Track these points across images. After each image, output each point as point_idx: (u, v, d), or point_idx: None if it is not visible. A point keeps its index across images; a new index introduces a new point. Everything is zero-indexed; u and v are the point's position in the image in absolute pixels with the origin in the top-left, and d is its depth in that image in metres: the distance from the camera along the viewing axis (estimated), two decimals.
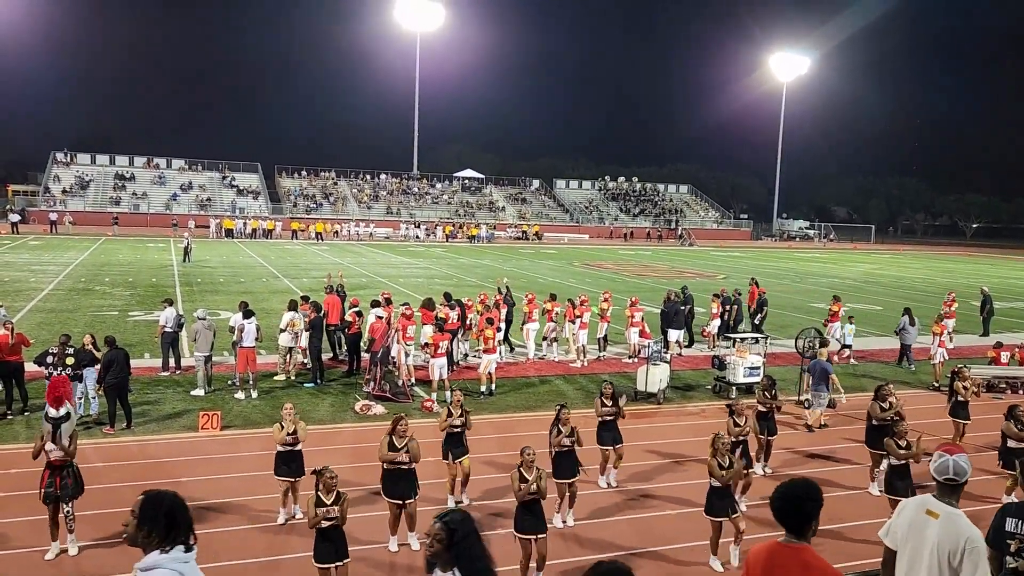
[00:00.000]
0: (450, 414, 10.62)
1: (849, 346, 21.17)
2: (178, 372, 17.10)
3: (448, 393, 15.79)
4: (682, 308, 21.36)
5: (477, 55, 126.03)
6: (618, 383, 12.78)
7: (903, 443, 9.82)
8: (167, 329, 16.92)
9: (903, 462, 9.78)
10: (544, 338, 20.46)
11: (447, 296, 19.39)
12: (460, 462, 10.55)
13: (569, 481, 10.00)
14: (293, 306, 17.28)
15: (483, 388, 16.23)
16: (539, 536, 8.25)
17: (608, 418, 11.30)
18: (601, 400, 11.33)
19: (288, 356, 17.13)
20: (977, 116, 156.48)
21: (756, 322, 23.56)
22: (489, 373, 16.35)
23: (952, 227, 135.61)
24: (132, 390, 14.88)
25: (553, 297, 21.13)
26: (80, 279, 32.46)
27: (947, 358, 19.27)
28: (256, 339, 15.88)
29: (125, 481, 11.03)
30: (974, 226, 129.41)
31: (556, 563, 8.91)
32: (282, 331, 16.94)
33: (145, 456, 12.16)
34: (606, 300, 21.06)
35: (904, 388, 17.95)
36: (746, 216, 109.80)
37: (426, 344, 16.58)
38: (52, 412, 8.83)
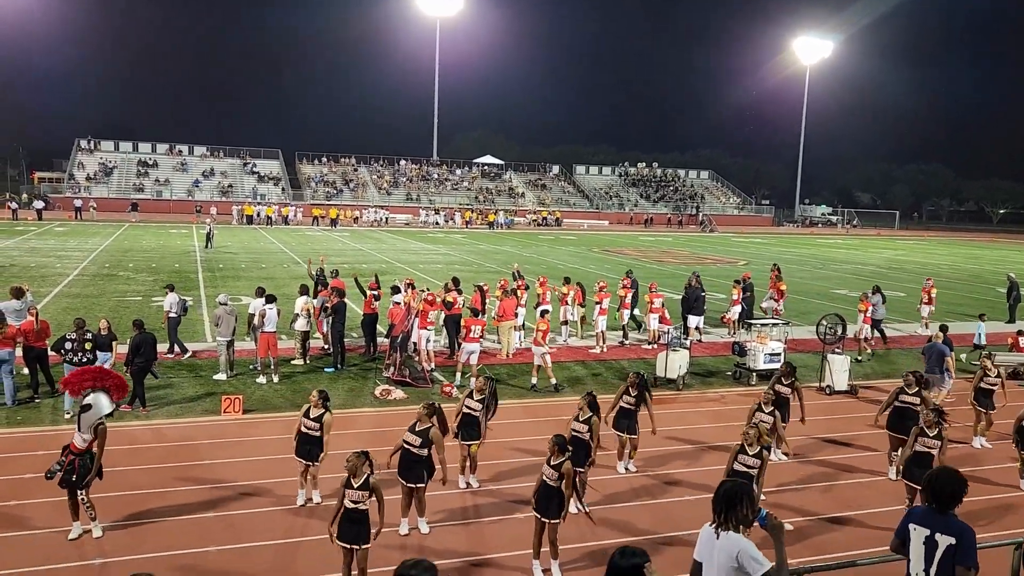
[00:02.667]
0: (471, 396, 10.66)
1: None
2: (184, 356, 17.23)
3: (459, 376, 15.94)
4: (703, 294, 21.21)
5: (497, 40, 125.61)
6: (637, 369, 12.70)
7: (932, 432, 9.67)
8: (172, 315, 17.01)
9: (926, 449, 9.65)
10: (564, 322, 20.49)
11: (455, 281, 19.43)
12: (469, 445, 10.58)
13: (579, 469, 9.96)
14: (305, 291, 17.41)
15: (459, 376, 16.02)
16: (551, 521, 8.25)
17: (627, 407, 11.23)
18: (627, 388, 11.22)
19: (304, 341, 17.24)
20: (1004, 99, 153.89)
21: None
22: (471, 364, 15.92)
23: (978, 213, 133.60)
24: (158, 375, 15.04)
25: (567, 280, 21.12)
26: (104, 265, 32.85)
27: (870, 335, 20.35)
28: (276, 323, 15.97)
29: (149, 463, 11.17)
30: (1001, 211, 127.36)
31: (572, 547, 8.92)
32: (297, 316, 17.04)
33: (168, 439, 12.30)
34: (625, 287, 20.97)
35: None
36: (768, 202, 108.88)
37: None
38: (75, 399, 8.86)
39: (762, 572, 4.74)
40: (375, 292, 18.18)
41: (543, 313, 16.69)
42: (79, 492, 8.79)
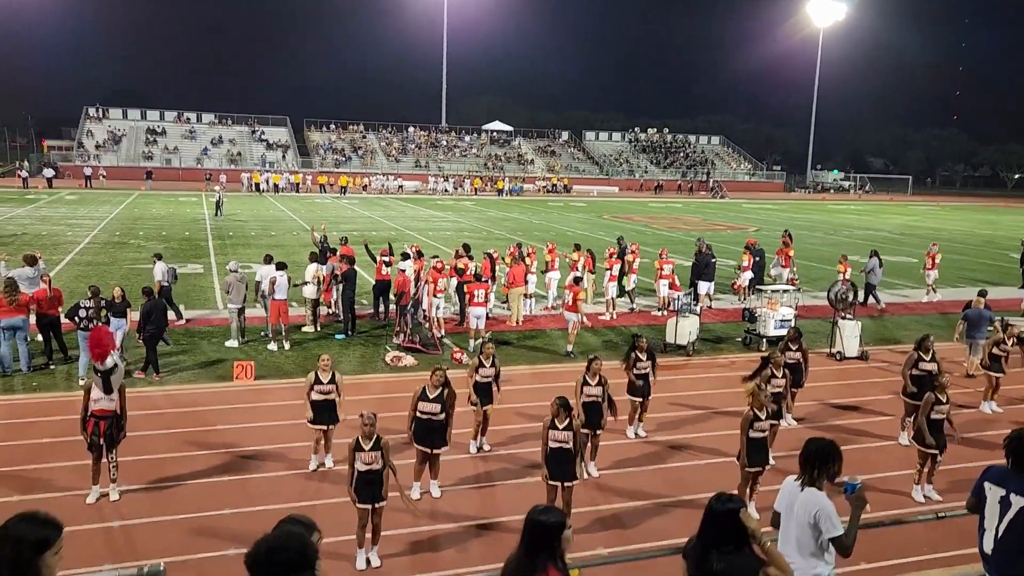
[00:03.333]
0: (481, 364, 10.69)
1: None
2: (179, 322, 17.27)
3: (473, 342, 16.00)
4: (713, 260, 21.12)
5: (505, 5, 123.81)
6: (647, 336, 12.72)
7: (944, 398, 9.61)
8: (164, 284, 16.93)
9: (940, 416, 9.61)
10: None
11: (466, 247, 19.41)
12: (485, 410, 10.69)
13: (593, 432, 10.04)
14: (315, 258, 17.42)
15: (472, 342, 16.05)
16: (567, 484, 8.32)
17: (640, 371, 11.24)
18: (636, 355, 11.23)
19: (315, 308, 17.29)
20: (1021, 62, 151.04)
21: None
22: (478, 329, 16.15)
23: (993, 178, 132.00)
24: (170, 342, 15.14)
25: (577, 247, 21.08)
26: (115, 233, 32.95)
27: (745, 284, 20.80)
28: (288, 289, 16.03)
29: (163, 428, 11.30)
30: (1016, 176, 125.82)
31: (583, 511, 9.00)
32: (306, 283, 17.07)
33: (181, 404, 12.42)
34: (633, 252, 20.90)
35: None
36: (779, 168, 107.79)
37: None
38: (99, 366, 8.95)
39: (835, 534, 4.99)
40: (386, 259, 18.19)
41: (576, 280, 16.73)
42: (110, 453, 8.95)
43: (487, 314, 16.99)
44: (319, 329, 17.21)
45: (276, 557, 2.92)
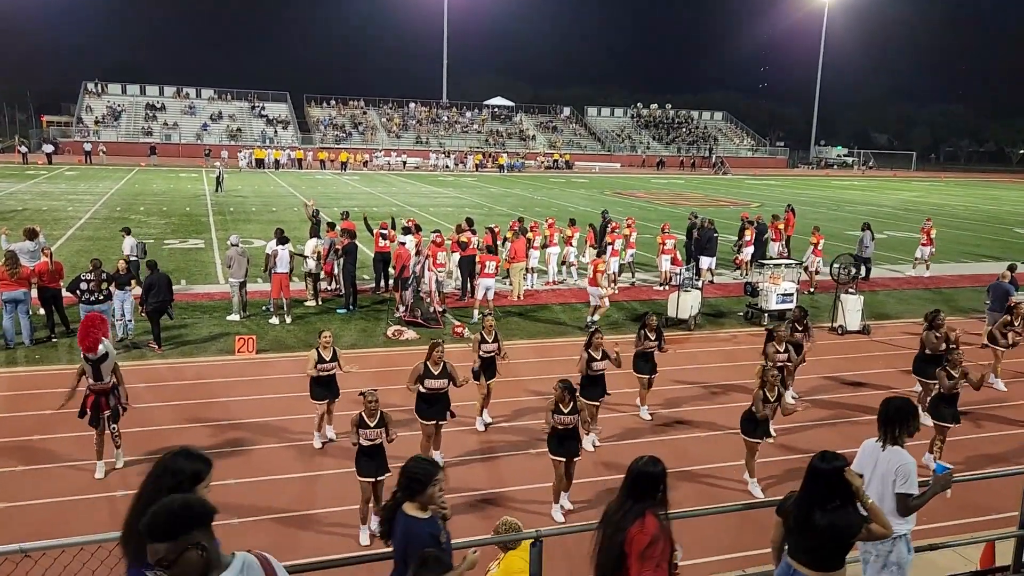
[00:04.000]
0: (483, 339, 10.70)
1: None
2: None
3: (477, 313, 16.10)
4: (715, 235, 21.08)
5: None
6: (648, 310, 12.72)
7: (956, 372, 9.55)
8: (132, 258, 16.52)
9: (954, 392, 9.59)
10: (563, 262, 20.56)
11: (469, 221, 19.40)
12: (489, 384, 10.74)
13: (596, 403, 10.09)
14: (315, 233, 17.42)
15: (477, 313, 16.26)
16: (573, 459, 8.40)
17: (648, 350, 11.21)
18: (645, 332, 11.21)
19: (316, 283, 17.30)
20: None
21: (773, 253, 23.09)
22: (486, 299, 16.39)
23: (998, 153, 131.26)
24: (173, 316, 15.10)
25: (572, 222, 21.06)
26: (116, 208, 32.89)
27: (820, 268, 20.07)
28: (291, 265, 16.02)
29: (166, 400, 11.36)
30: (1021, 152, 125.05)
31: (585, 482, 9.05)
32: (306, 257, 17.06)
33: (184, 377, 12.47)
34: (629, 226, 20.87)
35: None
36: (783, 144, 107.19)
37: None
38: (90, 356, 8.89)
39: (908, 491, 5.37)
40: (384, 231, 18.21)
41: (599, 254, 16.74)
42: (114, 424, 9.01)
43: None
44: (320, 303, 17.23)
45: (157, 521, 2.88)
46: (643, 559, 4.30)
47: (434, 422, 9.27)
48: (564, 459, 8.33)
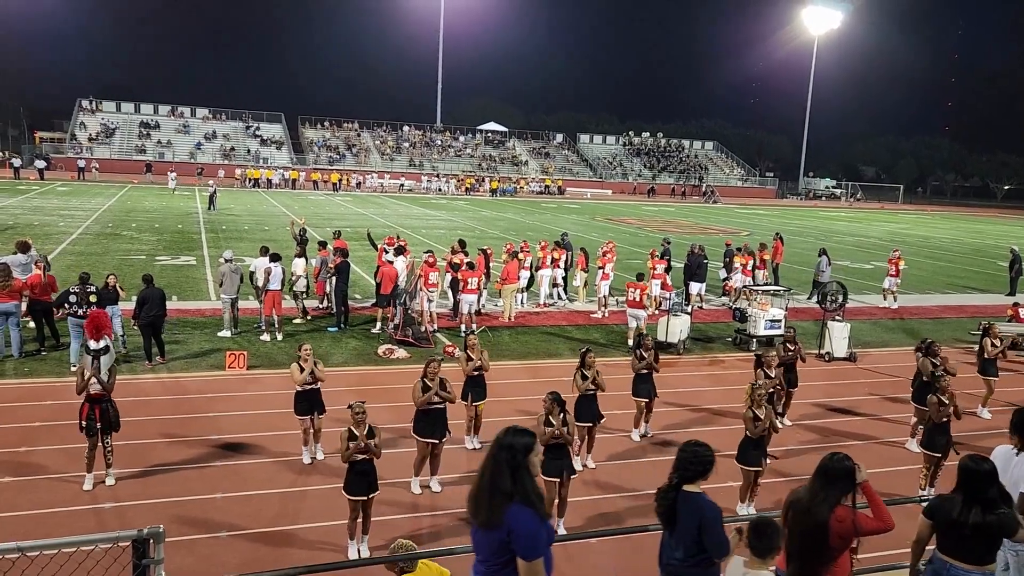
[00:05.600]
0: (469, 359, 10.69)
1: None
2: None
3: (464, 328, 16.35)
4: (704, 262, 21.23)
5: (501, 6, 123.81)
6: (645, 332, 12.79)
7: (946, 399, 9.53)
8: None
9: (945, 419, 9.60)
10: (554, 284, 20.67)
11: (461, 243, 19.52)
12: (476, 405, 10.67)
13: (589, 425, 10.09)
14: (299, 254, 17.69)
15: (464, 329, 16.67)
16: (565, 480, 8.34)
17: (644, 371, 11.28)
18: (640, 352, 11.25)
19: (301, 300, 17.44)
20: (1013, 73, 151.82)
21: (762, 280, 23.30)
22: (469, 315, 16.93)
23: (983, 188, 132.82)
24: (163, 331, 14.98)
25: (558, 244, 21.24)
26: (108, 224, 32.84)
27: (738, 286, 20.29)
28: (283, 282, 16.03)
29: (155, 415, 11.30)
30: (1006, 187, 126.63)
31: (577, 501, 9.04)
32: (299, 277, 17.23)
33: (174, 392, 12.42)
34: (608, 253, 20.75)
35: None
36: (772, 174, 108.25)
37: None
38: (92, 344, 8.97)
39: None
40: (387, 248, 18.49)
41: (639, 277, 16.88)
42: (107, 438, 8.93)
43: (479, 300, 17.63)
44: (308, 318, 17.24)
45: None
46: (844, 543, 4.88)
47: (433, 441, 9.19)
48: (554, 479, 8.30)
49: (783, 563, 5.04)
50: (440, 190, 70.13)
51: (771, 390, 10.89)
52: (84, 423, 8.83)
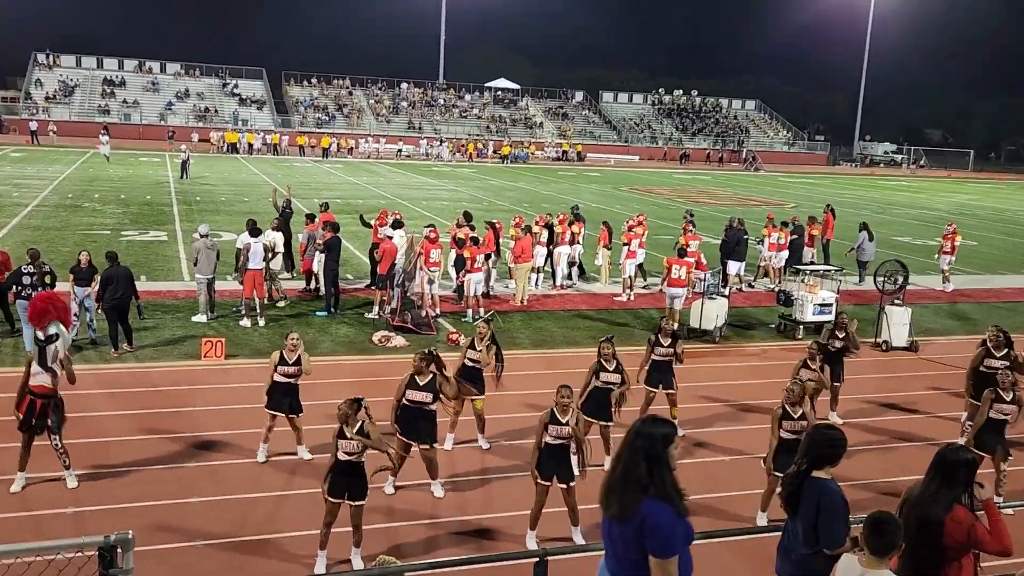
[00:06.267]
0: (472, 346, 10.66)
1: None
2: None
3: (471, 312, 16.57)
4: (745, 238, 21.13)
5: None
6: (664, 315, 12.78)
7: (1009, 396, 9.42)
8: None
9: (1002, 417, 9.55)
10: (571, 263, 20.66)
11: (467, 216, 19.48)
12: (474, 403, 10.59)
13: (604, 423, 10.07)
14: (276, 227, 17.67)
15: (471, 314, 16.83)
16: (562, 485, 8.32)
17: (661, 359, 11.24)
18: (657, 337, 11.22)
19: (273, 280, 17.44)
20: None
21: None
22: (476, 297, 17.02)
23: None
24: (143, 315, 15.03)
25: (576, 217, 21.16)
26: (67, 195, 33.05)
27: (780, 265, 21.27)
28: (264, 260, 16.05)
29: (123, 409, 11.43)
30: None
31: (588, 508, 9.08)
32: (278, 253, 17.20)
33: (144, 384, 12.54)
34: (640, 223, 20.75)
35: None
36: (822, 138, 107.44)
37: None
38: (39, 333, 9.02)
39: None
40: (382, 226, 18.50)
41: (681, 253, 16.84)
42: (53, 437, 8.94)
43: (487, 281, 17.80)
44: (278, 304, 17.27)
45: None
46: (958, 549, 5.08)
47: (413, 442, 9.10)
48: (547, 482, 8.29)
49: (894, 562, 5.05)
50: (440, 157, 69.88)
51: (810, 383, 10.82)
52: (22, 417, 8.85)
